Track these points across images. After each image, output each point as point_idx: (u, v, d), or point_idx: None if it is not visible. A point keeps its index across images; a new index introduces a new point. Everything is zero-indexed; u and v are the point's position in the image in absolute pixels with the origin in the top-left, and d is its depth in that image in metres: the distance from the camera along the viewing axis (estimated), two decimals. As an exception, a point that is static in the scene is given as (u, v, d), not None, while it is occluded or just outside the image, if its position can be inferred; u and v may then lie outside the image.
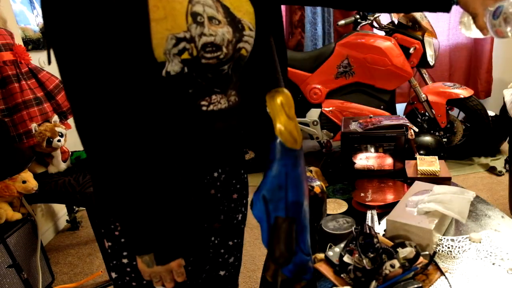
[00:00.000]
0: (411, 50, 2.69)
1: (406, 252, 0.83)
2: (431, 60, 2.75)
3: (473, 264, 0.87)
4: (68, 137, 1.97)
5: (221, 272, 1.00)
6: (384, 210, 1.13)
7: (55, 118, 1.93)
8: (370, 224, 1.06)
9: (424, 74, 2.88)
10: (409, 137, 1.40)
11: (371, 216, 1.11)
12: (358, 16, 2.75)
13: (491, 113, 2.89)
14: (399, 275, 0.80)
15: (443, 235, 1.00)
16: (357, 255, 0.82)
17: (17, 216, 1.76)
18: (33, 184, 1.76)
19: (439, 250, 0.93)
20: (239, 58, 0.76)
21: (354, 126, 1.37)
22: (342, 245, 0.87)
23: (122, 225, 0.77)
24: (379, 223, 1.09)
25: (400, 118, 1.40)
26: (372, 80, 2.78)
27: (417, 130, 1.50)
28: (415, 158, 1.36)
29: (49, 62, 0.68)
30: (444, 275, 0.84)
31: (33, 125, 1.82)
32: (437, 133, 2.90)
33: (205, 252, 0.91)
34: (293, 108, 0.71)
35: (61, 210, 2.58)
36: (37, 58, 2.27)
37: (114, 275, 0.84)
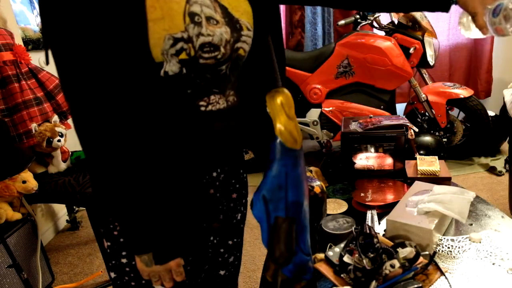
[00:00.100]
0: (411, 50, 2.69)
1: (406, 252, 0.83)
2: (431, 60, 2.75)
3: (473, 264, 0.87)
4: (68, 137, 1.97)
5: (221, 271, 1.00)
6: (384, 210, 1.13)
7: (55, 118, 1.93)
8: (370, 224, 1.06)
9: (424, 74, 2.88)
10: (409, 137, 1.40)
11: (371, 216, 1.11)
12: (358, 16, 2.75)
13: (491, 113, 2.89)
14: (399, 275, 0.80)
15: (443, 235, 1.00)
16: (357, 255, 0.82)
17: (17, 216, 1.76)
18: (33, 184, 1.76)
19: (439, 250, 0.93)
20: (237, 58, 0.76)
21: (354, 126, 1.37)
22: (342, 245, 0.87)
23: (121, 225, 0.77)
24: (379, 223, 1.09)
25: (400, 118, 1.40)
26: (372, 80, 2.78)
27: (417, 130, 1.50)
28: (415, 158, 1.36)
29: (47, 62, 0.68)
30: (444, 275, 0.84)
31: (33, 125, 1.81)
32: (437, 133, 2.90)
33: (204, 252, 0.91)
34: (293, 108, 0.71)
35: (61, 210, 2.58)
36: (37, 58, 2.27)
37: (113, 275, 0.84)
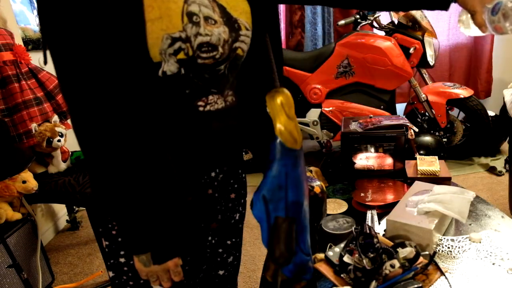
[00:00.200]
0: (411, 50, 2.69)
1: (406, 252, 0.83)
2: (431, 60, 2.75)
3: (473, 264, 0.87)
4: (68, 137, 1.97)
5: (220, 271, 1.00)
6: (384, 210, 1.13)
7: (55, 118, 1.93)
8: (370, 224, 1.06)
9: (424, 74, 2.88)
10: (409, 137, 1.40)
11: (371, 216, 1.11)
12: (358, 16, 2.75)
13: (491, 113, 2.89)
14: (399, 275, 0.80)
15: (443, 235, 1.00)
16: (357, 255, 0.82)
17: (17, 216, 1.76)
18: (33, 184, 1.76)
19: (439, 250, 0.93)
20: (235, 58, 0.76)
21: (354, 126, 1.37)
22: (342, 245, 0.88)
23: (119, 225, 0.77)
24: (379, 223, 1.09)
25: (400, 118, 1.40)
26: (372, 80, 2.78)
27: (417, 130, 1.50)
28: (415, 158, 1.36)
29: (45, 62, 0.68)
30: (444, 275, 0.84)
31: (33, 125, 1.81)
32: (437, 133, 2.90)
33: (202, 252, 0.91)
34: (293, 108, 0.71)
35: (61, 210, 2.58)
36: (37, 58, 2.26)
37: (111, 274, 0.84)
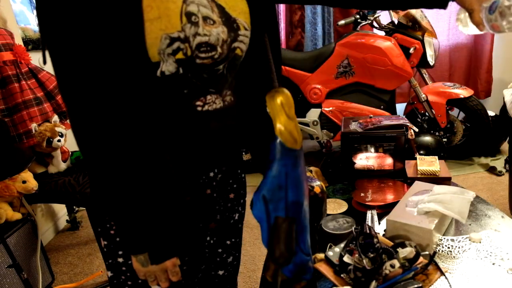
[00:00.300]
0: (411, 50, 2.69)
1: (406, 252, 0.83)
2: (431, 60, 2.75)
3: (473, 264, 0.87)
4: (68, 137, 1.97)
5: (220, 271, 1.00)
6: (384, 210, 1.13)
7: (55, 118, 1.93)
8: (370, 224, 1.06)
9: (424, 74, 2.88)
10: (409, 137, 1.40)
11: (371, 216, 1.11)
12: (358, 16, 2.75)
13: (491, 113, 2.89)
14: (399, 275, 0.80)
15: (443, 235, 1.00)
16: (357, 255, 0.82)
17: (17, 216, 1.76)
18: (33, 184, 1.76)
19: (439, 250, 0.93)
20: (234, 57, 0.76)
21: (354, 126, 1.37)
22: (342, 245, 0.87)
23: (117, 225, 0.77)
24: (379, 223, 1.09)
25: (400, 118, 1.40)
26: (372, 80, 2.78)
27: (417, 130, 1.50)
28: (415, 158, 1.36)
29: (44, 61, 0.68)
30: (444, 275, 0.84)
31: (33, 125, 1.81)
32: (437, 133, 2.90)
33: (200, 252, 0.91)
34: (293, 108, 0.71)
35: (61, 210, 2.58)
36: (37, 58, 2.26)
37: (109, 274, 0.84)
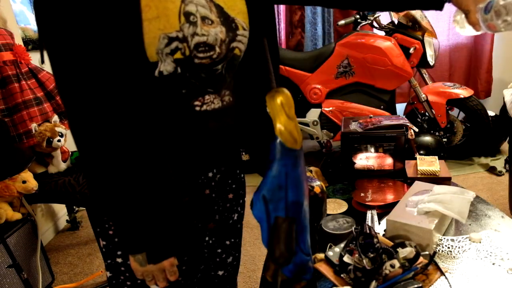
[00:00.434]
0: (411, 50, 2.69)
1: (406, 252, 0.83)
2: (431, 60, 2.75)
3: (473, 264, 0.87)
4: (68, 137, 1.97)
5: (219, 272, 1.00)
6: (384, 210, 1.13)
7: (55, 118, 1.93)
8: (370, 224, 1.06)
9: (424, 74, 2.88)
10: (409, 137, 1.40)
11: (371, 216, 1.11)
12: (358, 16, 2.75)
13: (491, 113, 2.89)
14: (399, 275, 0.80)
15: (443, 235, 1.00)
16: (357, 255, 0.82)
17: (17, 216, 1.76)
18: (33, 184, 1.76)
19: (439, 250, 0.93)
20: (232, 57, 0.76)
21: (354, 126, 1.37)
22: (342, 245, 0.87)
23: (115, 224, 0.77)
24: (379, 223, 1.09)
25: (400, 118, 1.40)
26: (372, 80, 2.78)
27: (417, 130, 1.50)
28: (415, 158, 1.36)
29: (42, 61, 0.68)
30: (444, 275, 0.84)
31: (33, 125, 1.81)
32: (437, 133, 2.90)
33: (199, 252, 0.91)
34: (293, 108, 0.71)
35: (61, 210, 2.58)
36: (37, 58, 2.26)
37: (108, 274, 0.84)
